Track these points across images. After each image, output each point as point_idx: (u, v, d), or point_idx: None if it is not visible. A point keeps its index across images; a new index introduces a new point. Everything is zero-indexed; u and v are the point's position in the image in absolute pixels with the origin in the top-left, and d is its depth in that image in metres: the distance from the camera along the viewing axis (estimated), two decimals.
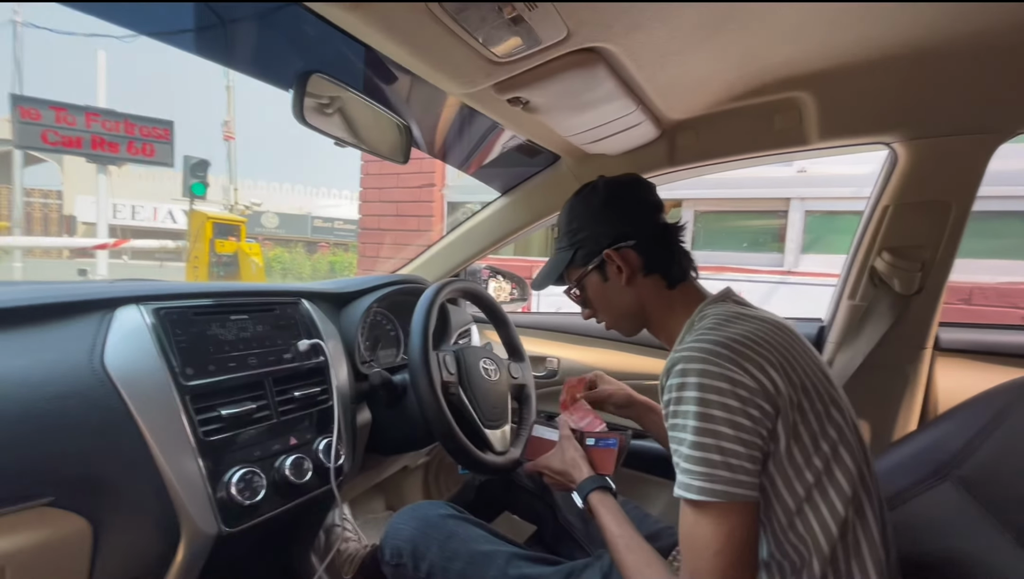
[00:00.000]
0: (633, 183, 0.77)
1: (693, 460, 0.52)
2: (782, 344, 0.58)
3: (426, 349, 0.89)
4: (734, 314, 0.63)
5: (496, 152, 1.33)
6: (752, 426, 0.52)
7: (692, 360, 0.55)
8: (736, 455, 0.52)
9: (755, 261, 3.26)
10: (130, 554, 0.67)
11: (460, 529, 0.84)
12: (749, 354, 0.55)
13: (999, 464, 0.68)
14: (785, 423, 0.54)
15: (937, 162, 0.95)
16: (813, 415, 0.55)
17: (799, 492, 0.54)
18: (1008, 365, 1.04)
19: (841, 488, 0.55)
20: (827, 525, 0.54)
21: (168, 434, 0.68)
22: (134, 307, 0.73)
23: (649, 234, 0.73)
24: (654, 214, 0.75)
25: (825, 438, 0.55)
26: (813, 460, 0.54)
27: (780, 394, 0.54)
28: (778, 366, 0.55)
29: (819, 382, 0.59)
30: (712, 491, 0.51)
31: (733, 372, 0.53)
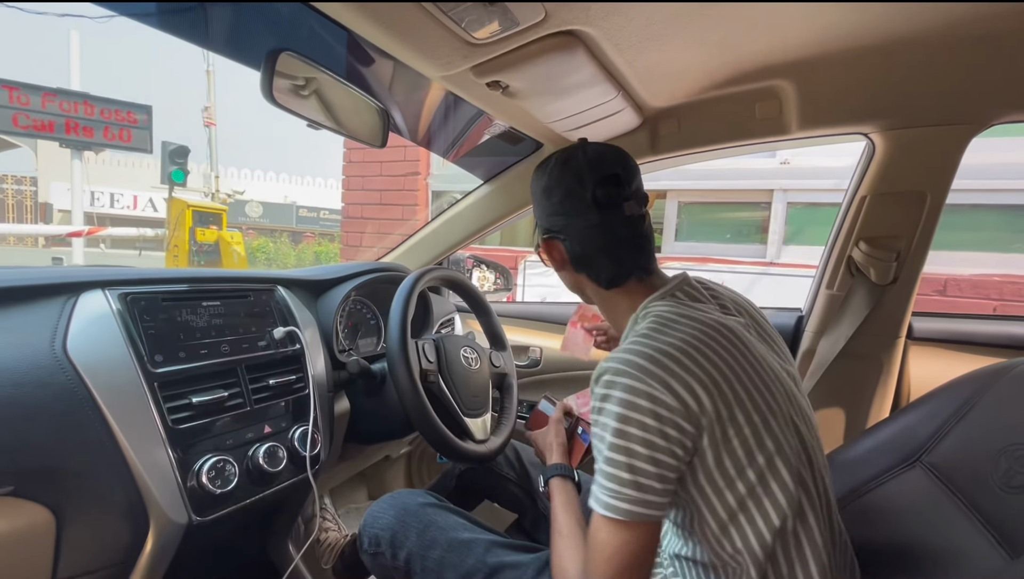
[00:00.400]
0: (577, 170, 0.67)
1: (604, 474, 0.54)
2: (719, 353, 0.56)
3: (405, 337, 0.88)
4: (673, 318, 0.60)
5: (479, 140, 1.32)
6: (666, 446, 0.52)
7: (618, 373, 0.55)
8: (646, 474, 0.52)
9: (738, 252, 3.29)
10: (96, 544, 0.65)
11: (439, 517, 0.84)
12: (675, 370, 0.54)
13: (967, 450, 0.70)
14: (712, 439, 0.53)
15: (913, 153, 0.96)
16: (749, 429, 0.55)
17: (731, 503, 0.55)
18: (979, 353, 1.06)
19: (777, 499, 0.55)
20: (762, 535, 0.55)
21: (135, 422, 0.66)
22: (99, 292, 0.71)
23: (577, 235, 0.67)
24: (592, 213, 0.66)
25: (761, 450, 0.55)
26: (746, 472, 0.54)
27: (704, 412, 0.53)
28: (708, 381, 0.54)
29: (759, 392, 0.57)
30: (616, 509, 0.52)
31: (655, 389, 0.53)
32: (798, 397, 0.63)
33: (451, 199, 1.46)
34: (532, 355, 1.50)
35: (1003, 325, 1.09)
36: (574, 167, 0.67)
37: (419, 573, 0.79)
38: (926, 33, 0.82)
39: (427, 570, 0.78)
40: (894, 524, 0.71)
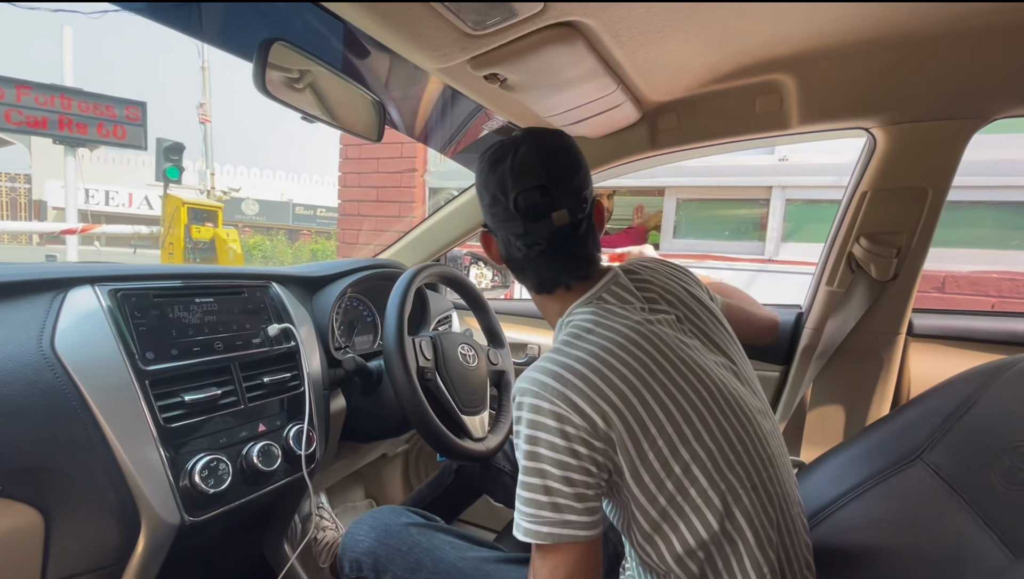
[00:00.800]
0: (501, 179, 0.61)
1: (521, 499, 0.53)
2: (628, 365, 0.54)
3: (401, 334, 0.87)
4: (587, 328, 0.58)
5: (476, 135, 1.31)
6: (578, 464, 0.51)
7: (526, 393, 0.54)
8: (562, 495, 0.51)
9: (736, 249, 3.29)
10: (87, 545, 0.64)
11: (423, 538, 0.80)
12: (579, 386, 0.52)
13: (969, 447, 0.69)
14: (625, 454, 0.52)
15: (915, 147, 0.95)
16: (663, 439, 0.53)
17: (652, 514, 0.54)
18: (979, 350, 1.05)
19: (698, 508, 0.54)
20: (686, 540, 0.54)
21: (126, 421, 0.65)
22: (88, 288, 0.70)
23: (504, 240, 0.65)
24: (513, 221, 0.62)
25: (676, 460, 0.53)
26: (665, 484, 0.53)
27: (613, 427, 0.52)
28: (614, 396, 0.53)
29: (673, 400, 0.55)
30: (536, 533, 0.51)
31: (559, 408, 0.52)
32: (730, 390, 0.60)
33: (448, 196, 1.45)
34: (530, 352, 1.49)
35: (1004, 321, 1.08)
36: (499, 175, 0.62)
37: None
38: (928, 27, 0.81)
39: None
40: (894, 522, 0.70)
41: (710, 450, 0.55)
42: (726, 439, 0.57)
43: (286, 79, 0.82)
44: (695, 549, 0.54)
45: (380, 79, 0.95)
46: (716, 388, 0.59)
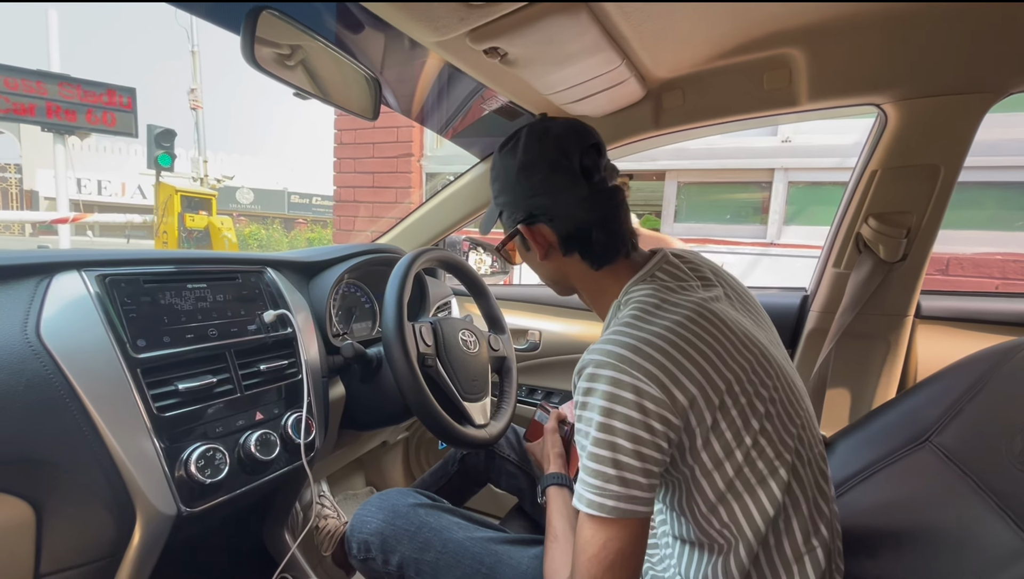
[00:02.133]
0: (557, 150, 0.62)
1: (588, 471, 0.52)
2: (704, 339, 0.55)
3: (401, 319, 0.85)
4: (655, 304, 0.58)
5: (475, 116, 1.27)
6: (652, 439, 0.51)
7: (602, 365, 0.53)
8: (631, 469, 0.50)
9: (738, 233, 3.26)
10: (81, 538, 0.62)
11: (431, 518, 0.80)
12: (660, 360, 0.52)
13: (980, 429, 0.68)
14: (701, 425, 0.52)
15: (927, 124, 0.92)
16: (736, 411, 0.53)
17: (719, 484, 0.54)
18: (989, 332, 1.04)
19: (764, 478, 0.54)
20: (751, 514, 0.54)
21: (117, 410, 0.62)
22: (75, 273, 0.67)
23: (567, 211, 0.63)
24: (578, 186, 0.62)
25: (747, 431, 0.54)
26: (734, 454, 0.53)
27: (694, 404, 0.52)
28: (694, 370, 0.52)
29: (744, 372, 0.55)
30: (601, 506, 0.51)
31: (640, 381, 0.51)
32: (785, 368, 0.62)
33: (445, 181, 1.42)
34: (531, 338, 1.48)
35: (1014, 302, 1.07)
36: (555, 137, 0.62)
37: (413, 577, 0.76)
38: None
39: (422, 573, 0.76)
40: (903, 506, 0.69)
41: (775, 424, 0.56)
42: (787, 414, 0.58)
43: (276, 55, 0.78)
44: (759, 522, 0.54)
45: (375, 55, 0.91)
46: (772, 366, 0.59)
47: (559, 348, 1.43)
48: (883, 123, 0.97)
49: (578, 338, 1.41)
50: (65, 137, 6.36)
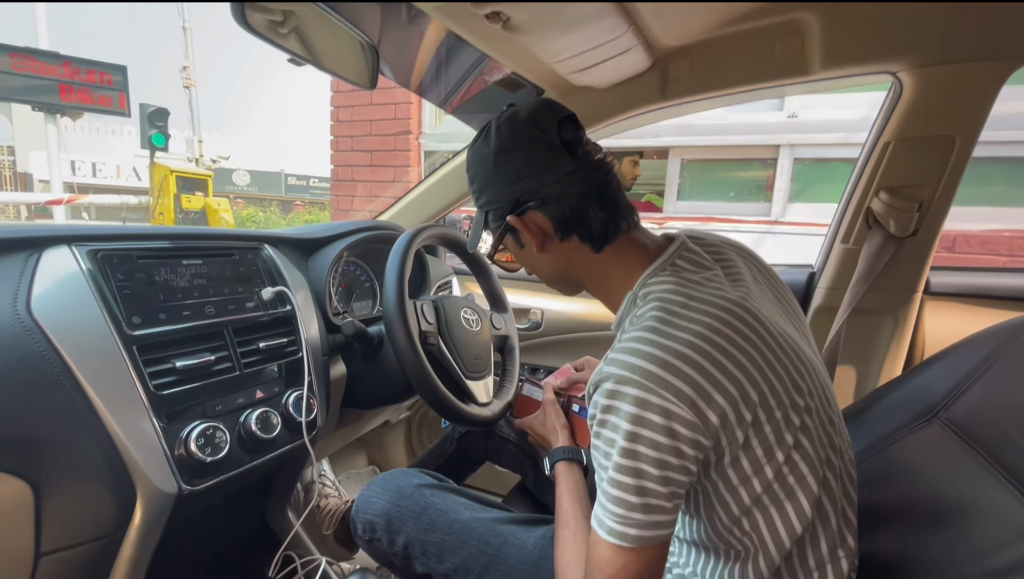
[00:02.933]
0: (531, 124, 0.58)
1: (609, 497, 0.48)
2: (738, 345, 0.50)
3: (402, 297, 0.83)
4: (681, 303, 0.52)
5: (476, 88, 1.23)
6: (680, 463, 0.47)
7: (625, 382, 0.47)
8: (656, 495, 0.47)
9: (742, 211, 3.23)
10: (81, 516, 0.62)
11: (437, 499, 0.79)
12: (693, 377, 0.47)
13: (989, 405, 0.67)
14: (731, 443, 0.48)
15: (944, 92, 0.89)
16: (770, 426, 0.49)
17: (744, 499, 0.51)
18: (998, 308, 1.03)
19: (794, 493, 0.51)
20: (775, 528, 0.51)
21: (113, 388, 0.61)
22: (65, 248, 0.65)
23: (556, 189, 0.57)
24: (561, 161, 0.57)
25: (780, 447, 0.50)
26: (764, 470, 0.50)
27: (726, 424, 0.47)
28: (729, 385, 0.48)
29: (780, 381, 0.51)
30: (623, 535, 0.47)
31: (670, 403, 0.46)
32: (818, 368, 0.58)
33: (445, 159, 1.38)
34: (533, 318, 1.46)
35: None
36: (526, 117, 0.58)
37: (419, 558, 0.76)
38: None
39: (428, 554, 0.75)
40: (910, 481, 0.69)
41: (811, 437, 0.52)
42: (822, 423, 0.54)
43: (269, 20, 0.75)
44: (784, 538, 0.51)
45: (372, 22, 0.87)
46: (808, 370, 0.55)
47: (562, 327, 1.42)
48: (898, 92, 0.94)
49: (581, 317, 1.40)
50: (56, 117, 6.24)
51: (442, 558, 0.74)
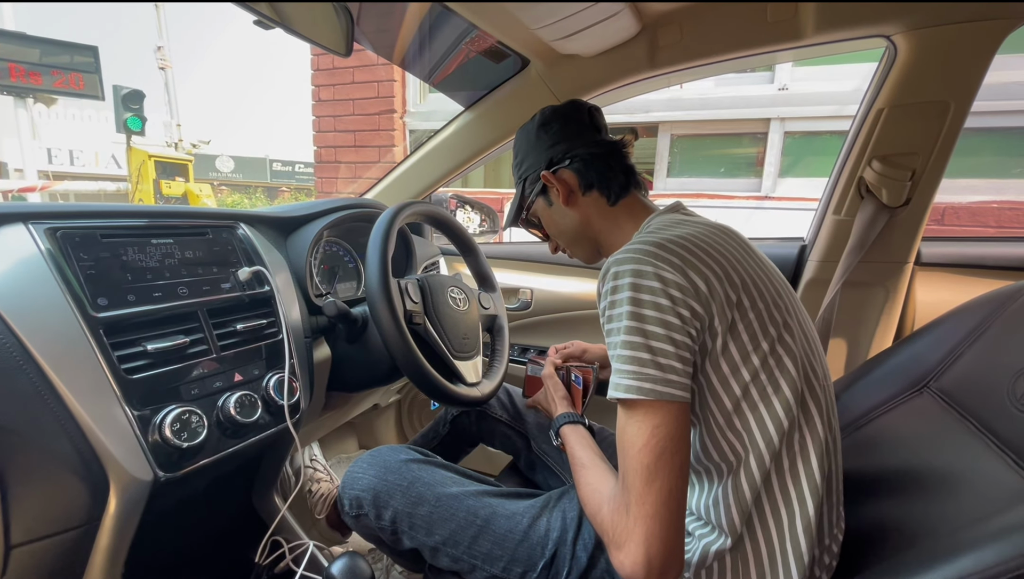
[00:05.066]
0: (569, 106, 0.76)
1: (623, 359, 0.52)
2: (724, 246, 0.58)
3: (385, 274, 0.80)
4: (678, 220, 0.63)
5: (460, 60, 1.19)
6: (682, 325, 0.52)
7: (624, 261, 0.54)
8: (665, 354, 0.51)
9: (732, 187, 3.21)
10: (52, 506, 0.59)
11: (424, 473, 0.78)
12: (683, 254, 0.54)
13: (979, 374, 0.67)
14: (722, 322, 0.53)
15: (939, 55, 0.87)
16: (753, 313, 0.55)
17: (735, 390, 0.54)
18: (989, 277, 1.02)
19: (780, 387, 0.55)
20: (764, 423, 0.54)
21: (79, 372, 0.58)
22: (20, 226, 0.61)
23: (583, 152, 0.73)
24: (589, 132, 0.75)
25: (765, 337, 0.55)
26: (751, 357, 0.54)
27: (714, 294, 0.53)
28: (714, 266, 0.55)
29: (763, 283, 0.58)
30: (639, 389, 0.50)
31: (664, 270, 0.53)
32: (797, 301, 0.64)
33: (430, 135, 1.34)
34: (523, 297, 1.44)
35: (1015, 247, 1.05)
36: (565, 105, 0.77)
37: (407, 532, 0.75)
38: None
39: (415, 527, 0.74)
40: (901, 451, 0.69)
41: (793, 335, 0.57)
42: (803, 332, 0.60)
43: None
44: (772, 434, 0.54)
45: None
46: (786, 288, 0.62)
47: (551, 306, 1.40)
48: (892, 57, 0.92)
49: (571, 296, 1.38)
50: (27, 101, 6.00)
51: (430, 531, 0.73)
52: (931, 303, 1.06)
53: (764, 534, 0.56)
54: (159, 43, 7.25)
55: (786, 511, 0.55)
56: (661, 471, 0.49)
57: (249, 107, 62.26)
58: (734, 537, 0.56)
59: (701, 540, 0.59)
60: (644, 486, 0.49)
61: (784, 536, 0.55)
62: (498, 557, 0.70)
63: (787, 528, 0.55)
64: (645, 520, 0.49)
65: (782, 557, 0.55)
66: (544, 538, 0.69)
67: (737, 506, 0.55)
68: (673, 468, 0.49)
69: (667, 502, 0.49)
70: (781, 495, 0.55)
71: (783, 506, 0.55)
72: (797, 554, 0.55)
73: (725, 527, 0.56)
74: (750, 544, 0.56)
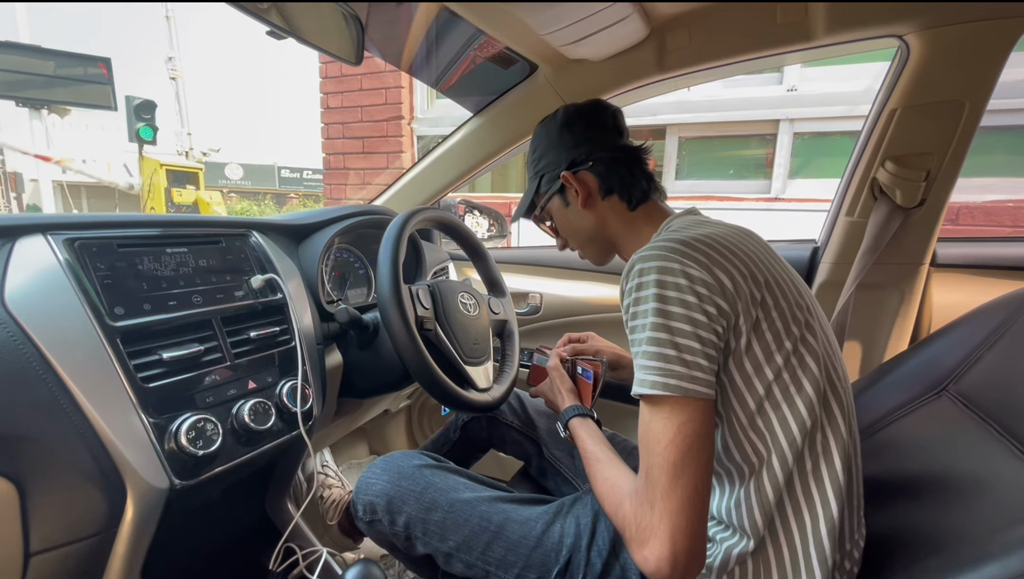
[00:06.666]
0: (593, 106, 0.75)
1: (649, 355, 0.52)
2: (746, 246, 0.59)
3: (396, 281, 0.81)
4: (698, 221, 0.64)
5: (468, 66, 1.19)
6: (708, 323, 0.51)
7: (650, 259, 0.54)
8: (691, 351, 0.51)
9: (742, 189, 3.18)
10: (70, 514, 0.59)
11: (437, 478, 0.78)
12: (708, 252, 0.54)
13: (1000, 376, 0.66)
14: (747, 319, 0.53)
15: (953, 55, 0.86)
16: (777, 312, 0.55)
17: (759, 389, 0.54)
18: (1007, 278, 1.01)
19: (803, 386, 0.54)
20: (787, 423, 0.54)
21: (97, 381, 0.59)
22: (40, 237, 0.62)
23: (606, 156, 0.72)
24: (612, 136, 0.74)
25: (788, 336, 0.55)
26: (775, 356, 0.54)
27: (740, 292, 0.53)
28: (739, 265, 0.55)
29: (785, 283, 0.58)
30: (665, 385, 0.50)
31: (691, 268, 0.53)
32: (816, 303, 0.64)
33: (437, 143, 1.35)
34: (532, 302, 1.44)
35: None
36: (588, 105, 0.74)
37: (420, 538, 0.75)
38: None
39: (429, 533, 0.74)
40: (920, 455, 0.67)
41: (816, 335, 0.57)
42: (825, 333, 0.60)
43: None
44: (796, 434, 0.54)
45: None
46: (808, 292, 0.62)
47: (561, 310, 1.40)
48: (904, 57, 0.91)
49: (581, 300, 1.37)
50: (42, 112, 6.11)
51: (444, 537, 0.73)
52: (947, 305, 1.05)
53: (787, 537, 0.55)
54: (170, 54, 7.36)
55: (809, 513, 0.55)
56: (688, 468, 0.49)
57: (258, 115, 63.11)
58: (756, 540, 0.55)
59: (723, 543, 0.58)
60: (671, 482, 0.49)
61: (808, 539, 0.54)
62: (512, 563, 0.69)
63: (810, 531, 0.54)
64: (671, 516, 0.49)
65: (805, 561, 0.55)
66: (558, 544, 0.68)
67: (760, 508, 0.55)
68: (699, 465, 0.49)
69: (692, 498, 0.49)
70: (804, 497, 0.55)
71: (806, 508, 0.55)
72: (821, 557, 0.54)
73: (748, 529, 0.56)
74: (772, 547, 0.55)
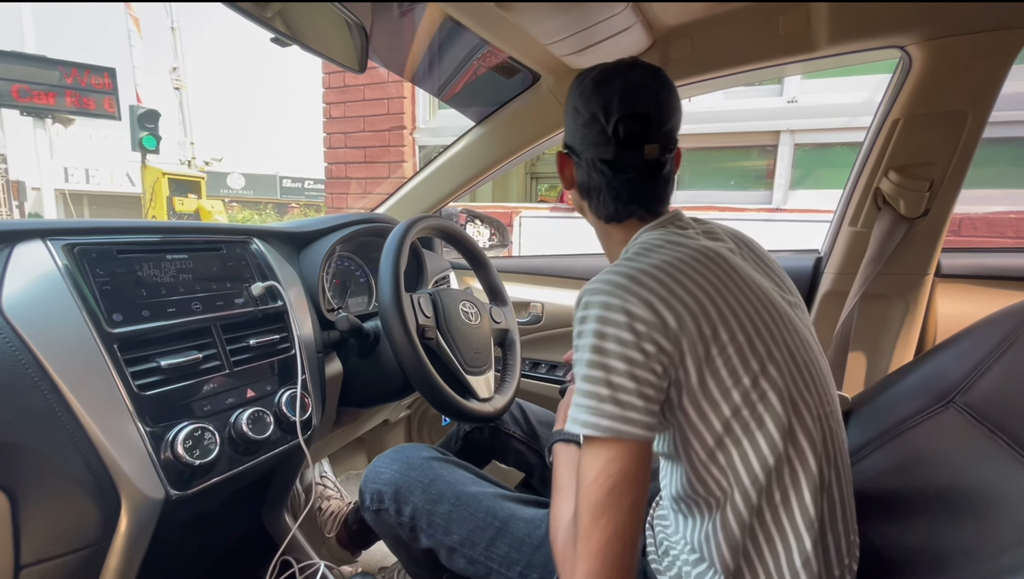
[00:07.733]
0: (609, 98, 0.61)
1: (583, 393, 0.51)
2: (702, 273, 0.54)
3: (398, 289, 0.80)
4: (657, 244, 0.59)
5: (471, 75, 1.20)
6: (645, 361, 0.50)
7: (595, 292, 0.53)
8: (626, 391, 0.49)
9: (742, 200, 3.18)
10: (63, 525, 0.58)
11: (445, 471, 0.79)
12: (654, 287, 0.52)
13: (1009, 387, 0.64)
14: (694, 358, 0.51)
15: (955, 65, 0.86)
16: (733, 347, 0.52)
17: (716, 426, 0.52)
18: (1013, 288, 1.00)
19: (764, 422, 0.52)
20: (748, 459, 0.52)
21: (93, 389, 0.58)
22: (38, 242, 0.61)
23: (586, 166, 0.64)
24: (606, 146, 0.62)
25: (747, 371, 0.52)
26: (731, 392, 0.52)
27: (685, 330, 0.51)
28: (688, 299, 0.52)
29: (744, 311, 0.54)
30: (596, 425, 0.49)
31: (631, 304, 0.51)
32: (796, 323, 0.59)
33: (439, 152, 1.35)
34: (533, 311, 1.43)
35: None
36: (607, 95, 0.61)
37: (425, 529, 0.74)
38: None
39: (434, 525, 0.74)
40: (928, 468, 0.66)
41: (779, 367, 0.54)
42: (793, 362, 0.55)
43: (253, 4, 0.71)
44: (757, 470, 0.52)
45: (363, 4, 0.84)
46: (779, 313, 0.57)
47: (563, 320, 1.39)
48: (907, 67, 0.91)
49: None
50: (46, 122, 6.15)
51: (448, 530, 0.73)
52: (953, 315, 1.04)
53: (763, 569, 0.54)
54: (174, 64, 7.43)
55: (783, 546, 0.53)
56: (609, 509, 0.48)
57: (261, 125, 63.57)
58: (728, 573, 0.54)
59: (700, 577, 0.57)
60: (591, 522, 0.48)
61: (783, 572, 0.53)
62: (515, 561, 0.69)
63: (785, 563, 0.53)
64: (588, 558, 0.48)
65: None
66: None
67: (727, 542, 0.54)
68: (621, 507, 0.48)
69: (611, 541, 0.48)
70: (776, 529, 0.53)
71: (779, 541, 0.53)
72: None
73: (717, 563, 0.55)
74: None
